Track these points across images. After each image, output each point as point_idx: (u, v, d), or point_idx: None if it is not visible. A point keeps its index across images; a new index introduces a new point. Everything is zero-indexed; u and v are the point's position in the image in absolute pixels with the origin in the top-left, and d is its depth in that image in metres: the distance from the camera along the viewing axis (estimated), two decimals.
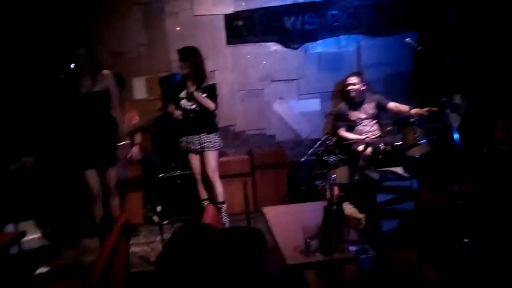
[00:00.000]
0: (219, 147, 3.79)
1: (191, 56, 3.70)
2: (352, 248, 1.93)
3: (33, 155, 3.40)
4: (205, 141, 3.71)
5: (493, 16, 4.14)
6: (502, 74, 4.03)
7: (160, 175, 2.73)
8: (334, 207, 1.97)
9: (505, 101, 3.98)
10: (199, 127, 3.72)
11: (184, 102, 3.73)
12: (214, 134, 3.76)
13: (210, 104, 3.68)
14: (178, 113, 3.75)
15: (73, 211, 3.93)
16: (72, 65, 2.99)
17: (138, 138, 4.14)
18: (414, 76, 4.73)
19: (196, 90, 3.66)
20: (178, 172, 2.67)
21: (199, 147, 3.72)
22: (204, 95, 3.68)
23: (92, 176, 3.26)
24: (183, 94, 3.72)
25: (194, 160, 3.79)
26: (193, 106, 3.71)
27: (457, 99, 4.08)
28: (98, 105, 3.20)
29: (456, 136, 3.65)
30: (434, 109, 4.03)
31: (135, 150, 3.98)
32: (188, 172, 2.63)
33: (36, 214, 3.73)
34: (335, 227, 1.92)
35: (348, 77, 4.29)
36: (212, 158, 3.73)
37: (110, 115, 3.29)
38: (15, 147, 3.75)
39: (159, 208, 2.73)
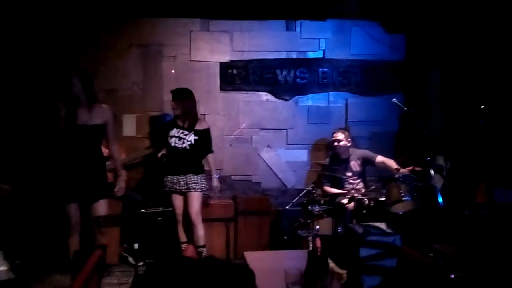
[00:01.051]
0: (204, 189, 3.76)
1: (184, 97, 3.78)
2: None
3: (11, 183, 3.31)
4: (191, 181, 3.68)
5: (475, 82, 4.37)
6: (484, 138, 4.19)
7: (142, 210, 2.66)
8: (319, 253, 1.94)
9: (486, 165, 4.10)
10: (187, 168, 3.71)
11: (174, 141, 3.74)
12: (201, 175, 3.75)
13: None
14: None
15: (46, 244, 3.75)
16: (63, 90, 3.01)
17: (123, 174, 4.10)
18: (400, 135, 4.88)
19: (188, 130, 3.72)
20: (160, 209, 2.60)
21: (184, 187, 3.69)
22: (196, 137, 3.73)
23: (73, 209, 3.17)
24: (174, 132, 3.75)
25: (178, 200, 3.75)
26: (184, 145, 3.73)
27: (440, 160, 4.18)
28: (92, 138, 3.19)
29: (439, 196, 3.71)
30: (418, 168, 4.11)
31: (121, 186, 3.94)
32: (170, 209, 2.58)
33: (6, 245, 3.55)
34: (319, 275, 1.88)
35: (334, 132, 4.37)
36: (196, 199, 3.69)
37: (101, 150, 3.27)
38: None
39: (136, 246, 2.63)
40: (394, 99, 4.17)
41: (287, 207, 3.81)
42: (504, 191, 4.01)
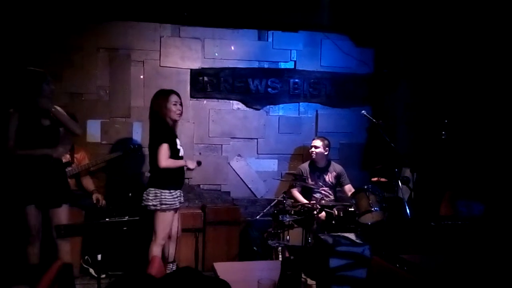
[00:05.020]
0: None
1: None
2: None
3: None
4: (181, 196, 3.45)
5: (440, 96, 4.52)
6: (447, 151, 4.32)
7: (106, 219, 2.52)
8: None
9: (450, 177, 4.22)
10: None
11: (182, 151, 3.43)
12: None
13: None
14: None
15: (2, 252, 3.49)
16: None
17: (90, 185, 3.97)
18: (368, 147, 4.96)
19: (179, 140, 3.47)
20: (125, 218, 2.48)
21: (181, 204, 3.43)
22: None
23: (33, 213, 2.98)
24: (179, 143, 3.41)
25: (173, 217, 3.38)
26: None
27: (407, 172, 4.27)
28: (49, 139, 3.02)
29: (406, 207, 3.77)
30: (383, 179, 4.19)
31: (98, 198, 3.88)
32: (136, 218, 2.43)
33: None
34: (292, 285, 1.83)
35: (313, 139, 4.41)
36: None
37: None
38: None
39: (99, 257, 2.49)
40: (363, 111, 4.25)
41: (257, 217, 3.74)
42: (467, 203, 4.13)
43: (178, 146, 3.39)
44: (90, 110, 4.33)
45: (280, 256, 3.61)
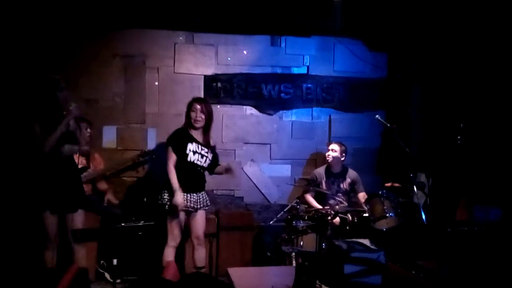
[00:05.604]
0: (208, 207, 3.62)
1: (209, 109, 3.53)
2: None
3: None
4: (202, 199, 3.51)
5: (455, 100, 4.47)
6: (464, 156, 4.26)
7: (122, 224, 2.55)
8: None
9: (466, 182, 4.16)
10: (200, 185, 3.53)
11: (196, 158, 3.45)
12: (205, 191, 3.61)
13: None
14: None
15: (20, 254, 3.55)
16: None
17: (103, 185, 4.02)
18: (381, 152, 4.92)
19: (206, 148, 3.52)
20: (141, 223, 2.51)
21: (195, 205, 3.46)
22: (212, 155, 3.57)
23: (50, 219, 3.04)
24: (194, 147, 3.44)
25: (182, 222, 3.47)
26: (204, 164, 3.51)
27: (422, 177, 4.23)
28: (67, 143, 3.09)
29: (421, 213, 3.73)
30: (397, 185, 4.15)
31: (109, 199, 3.93)
32: (152, 223, 2.47)
33: None
34: None
35: (329, 144, 4.41)
36: (203, 217, 3.54)
37: (74, 159, 3.18)
38: None
39: (114, 262, 2.52)
40: (377, 116, 4.23)
41: (270, 223, 3.73)
42: (484, 208, 4.07)
43: (188, 151, 3.42)
44: (106, 116, 4.40)
45: (293, 262, 3.60)
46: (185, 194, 3.41)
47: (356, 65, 4.90)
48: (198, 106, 3.46)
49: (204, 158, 3.49)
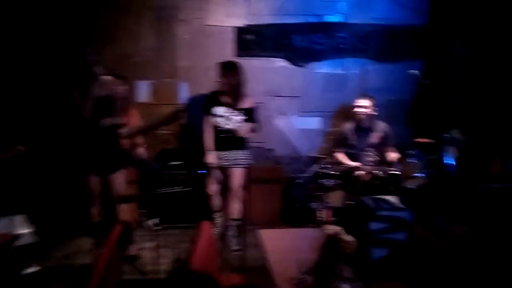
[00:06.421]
0: (248, 165, 3.77)
1: (233, 71, 3.58)
2: (346, 287, 1.96)
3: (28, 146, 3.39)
4: (236, 157, 3.69)
5: (499, 54, 4.20)
6: (502, 112, 4.10)
7: (161, 190, 2.74)
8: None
9: (502, 140, 4.05)
10: (231, 145, 3.68)
11: (220, 120, 3.63)
12: (246, 150, 3.75)
13: (257, 130, 3.73)
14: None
15: (68, 208, 3.91)
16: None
17: (139, 139, 4.18)
18: (415, 105, 4.79)
19: (236, 109, 3.61)
20: (179, 188, 2.68)
21: (227, 163, 3.69)
22: (245, 117, 3.63)
23: (93, 180, 3.31)
24: (220, 111, 3.61)
25: (219, 177, 3.74)
26: (228, 126, 3.65)
27: (456, 133, 4.13)
28: (105, 109, 3.22)
29: (452, 170, 3.71)
30: (429, 140, 4.06)
31: (141, 152, 4.03)
32: (189, 189, 2.65)
33: (28, 208, 3.71)
34: (331, 265, 1.96)
35: (358, 98, 4.18)
36: (240, 174, 3.73)
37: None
38: (8, 137, 3.72)
39: (156, 221, 2.74)
40: (412, 70, 4.04)
41: (300, 181, 3.84)
42: None
43: (215, 115, 3.60)
44: (139, 71, 4.46)
45: (321, 218, 3.75)
46: (219, 152, 3.61)
47: (395, 11, 4.64)
48: (223, 71, 3.55)
49: (231, 120, 3.59)
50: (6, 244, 2.64)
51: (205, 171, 3.75)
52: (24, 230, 3.58)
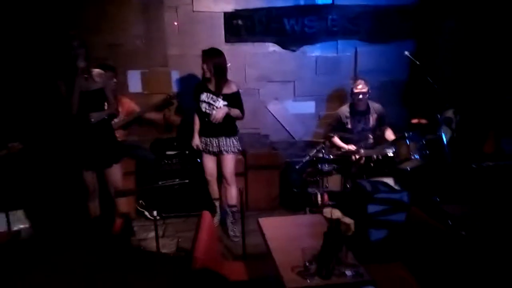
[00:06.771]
0: (237, 150, 3.78)
1: (213, 58, 3.57)
2: (349, 273, 1.99)
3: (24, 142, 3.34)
4: (224, 144, 3.69)
5: (490, 34, 4.20)
6: (495, 91, 4.12)
7: (159, 183, 2.73)
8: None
9: (495, 115, 4.08)
10: (218, 131, 3.68)
11: (205, 106, 3.64)
12: (233, 137, 3.74)
13: (239, 115, 3.70)
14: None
15: (65, 204, 3.87)
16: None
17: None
18: (409, 85, 4.79)
19: (217, 95, 3.61)
20: (176, 181, 2.68)
21: (216, 149, 3.71)
22: (225, 103, 3.62)
23: (89, 175, 3.28)
24: (204, 97, 3.64)
25: (210, 162, 3.80)
26: (210, 111, 3.65)
27: (450, 113, 4.15)
28: (95, 103, 3.16)
29: (446, 150, 3.73)
30: (423, 121, 4.09)
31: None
32: (186, 181, 2.65)
33: (26, 204, 3.69)
34: (334, 252, 1.98)
35: (355, 82, 4.16)
36: (230, 161, 3.73)
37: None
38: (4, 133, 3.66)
39: (155, 213, 2.73)
40: (406, 52, 4.01)
41: (297, 167, 3.83)
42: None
43: (201, 101, 3.65)
44: (129, 60, 4.38)
45: (319, 201, 3.78)
46: (205, 138, 3.73)
47: None
48: (204, 58, 3.58)
49: (213, 107, 3.62)
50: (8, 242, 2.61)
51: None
52: (21, 225, 3.58)
